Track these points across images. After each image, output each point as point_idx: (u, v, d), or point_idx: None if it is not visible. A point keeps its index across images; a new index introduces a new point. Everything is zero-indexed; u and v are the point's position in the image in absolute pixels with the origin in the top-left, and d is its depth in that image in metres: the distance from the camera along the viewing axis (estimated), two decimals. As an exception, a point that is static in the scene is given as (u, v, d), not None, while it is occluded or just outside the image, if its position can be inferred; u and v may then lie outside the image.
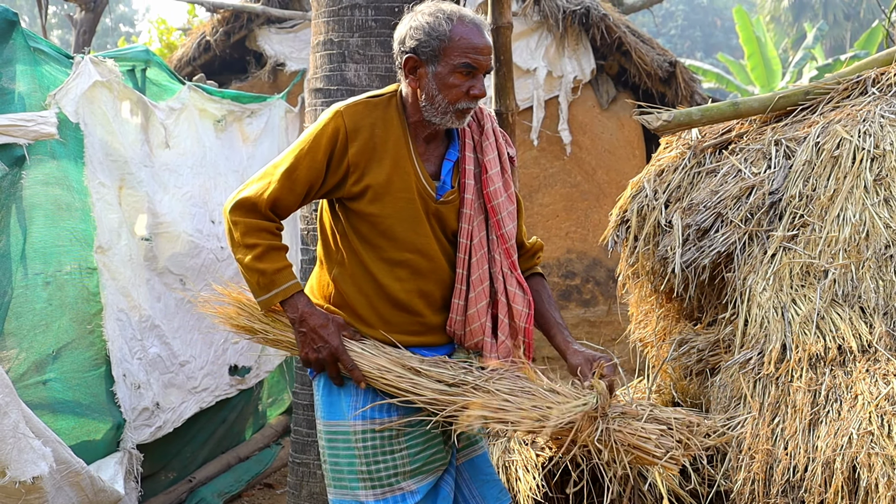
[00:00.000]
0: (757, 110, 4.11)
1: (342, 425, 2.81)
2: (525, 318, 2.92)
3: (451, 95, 2.71)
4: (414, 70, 2.75)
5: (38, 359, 4.18)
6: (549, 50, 8.26)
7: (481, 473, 3.04)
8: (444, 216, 2.85)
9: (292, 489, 4.71)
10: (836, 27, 34.96)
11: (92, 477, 4.04)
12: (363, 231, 2.80)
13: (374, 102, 2.81)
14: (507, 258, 2.91)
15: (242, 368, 6.07)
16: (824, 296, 3.34)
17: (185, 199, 5.47)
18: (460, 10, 2.75)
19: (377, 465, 2.78)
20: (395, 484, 2.79)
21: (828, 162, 3.63)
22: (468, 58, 2.70)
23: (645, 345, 4.31)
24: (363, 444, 2.78)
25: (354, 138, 2.74)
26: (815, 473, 2.94)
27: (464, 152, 2.88)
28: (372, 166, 2.75)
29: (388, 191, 2.76)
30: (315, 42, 4.58)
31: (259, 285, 2.74)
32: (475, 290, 2.85)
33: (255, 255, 2.71)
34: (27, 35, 4.23)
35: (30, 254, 4.17)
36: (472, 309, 2.85)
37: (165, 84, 5.61)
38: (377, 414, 2.78)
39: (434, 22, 2.70)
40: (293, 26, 8.46)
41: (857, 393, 3.01)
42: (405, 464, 2.80)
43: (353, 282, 2.83)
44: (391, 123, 2.79)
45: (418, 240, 2.81)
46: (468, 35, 2.70)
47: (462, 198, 2.86)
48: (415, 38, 2.71)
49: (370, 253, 2.80)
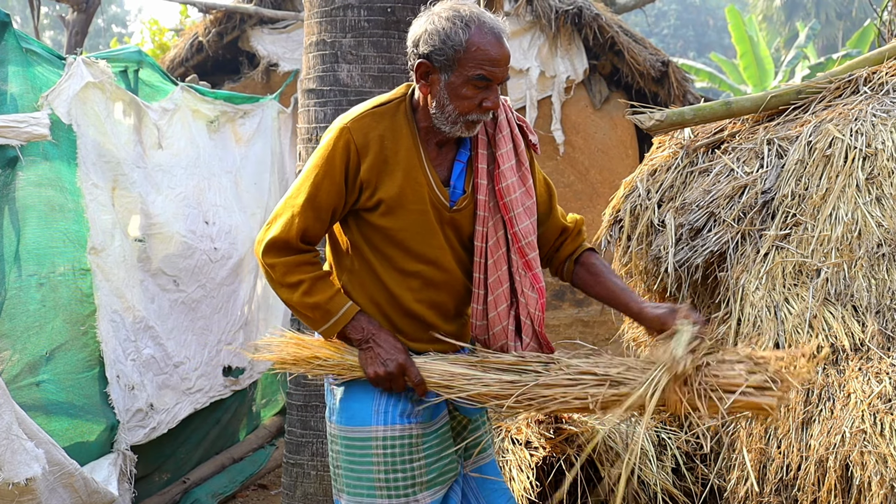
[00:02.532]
0: (749, 110, 4.12)
1: (362, 431, 2.74)
2: (537, 321, 2.81)
3: (463, 107, 2.60)
4: (426, 75, 2.63)
5: (31, 360, 4.18)
6: (542, 50, 8.27)
7: (488, 482, 2.96)
8: (459, 224, 2.76)
9: (286, 490, 4.71)
10: (829, 26, 35.05)
11: (85, 478, 4.04)
12: (375, 241, 2.72)
13: (381, 112, 2.69)
14: (521, 257, 2.78)
15: (236, 369, 6.06)
16: (817, 294, 3.35)
17: (179, 199, 5.46)
18: (480, 14, 2.60)
19: (395, 473, 2.72)
20: (411, 495, 2.73)
21: (820, 161, 3.64)
22: (483, 70, 2.57)
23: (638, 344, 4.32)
24: (383, 452, 2.72)
25: (365, 153, 2.64)
26: (808, 472, 2.95)
27: (476, 150, 2.76)
28: (384, 180, 2.65)
29: (401, 204, 2.67)
30: (308, 42, 4.58)
31: (316, 319, 2.67)
32: (494, 293, 2.76)
33: (302, 290, 2.64)
34: (19, 36, 4.22)
35: (23, 255, 4.16)
36: (492, 312, 2.77)
37: (158, 85, 5.60)
38: (399, 420, 2.72)
39: (451, 28, 2.56)
40: (286, 27, 8.45)
41: (850, 391, 3.02)
42: (422, 474, 2.73)
43: (363, 290, 2.76)
44: (400, 133, 2.68)
45: (432, 252, 2.72)
46: (485, 45, 2.56)
47: (475, 199, 2.75)
48: (429, 44, 2.58)
49: (382, 262, 2.73)
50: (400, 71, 4.41)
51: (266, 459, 6.42)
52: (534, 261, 2.81)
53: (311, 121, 4.55)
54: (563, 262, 2.95)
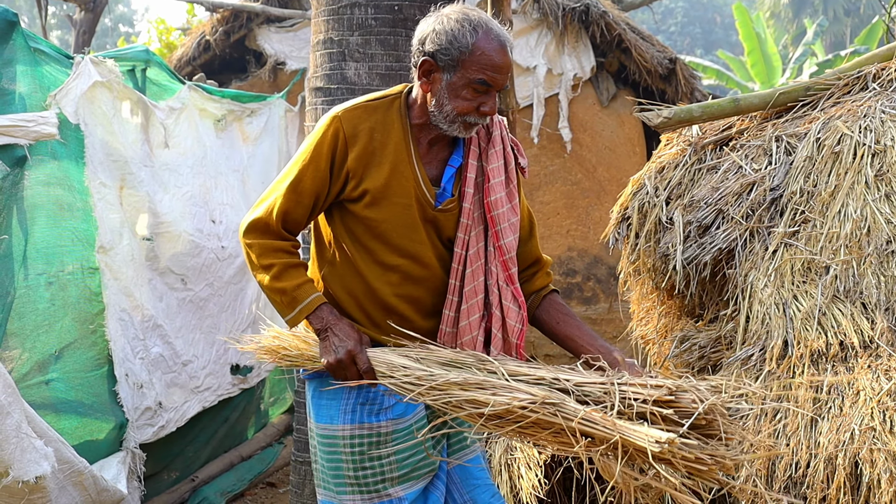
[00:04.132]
0: (757, 106, 4.11)
1: (331, 429, 2.79)
2: (517, 334, 2.82)
3: (461, 107, 2.65)
4: (428, 73, 2.68)
5: (40, 359, 4.19)
6: (549, 47, 8.26)
7: (472, 478, 2.97)
8: (440, 224, 2.79)
9: (295, 488, 4.71)
10: (836, 23, 34.95)
11: (95, 476, 4.05)
12: (357, 233, 2.75)
13: (374, 106, 2.75)
14: (505, 270, 2.81)
15: (244, 368, 6.07)
16: (826, 292, 3.34)
17: (186, 198, 5.47)
18: (488, 21, 2.66)
19: (364, 470, 2.76)
20: (383, 490, 2.76)
21: (829, 158, 3.63)
22: (485, 74, 2.62)
23: (647, 342, 4.32)
24: (350, 450, 2.76)
25: (353, 143, 2.69)
26: (817, 469, 2.94)
27: (467, 159, 2.81)
28: (370, 171, 2.70)
29: (386, 195, 2.71)
30: (315, 41, 4.58)
31: (282, 304, 2.70)
32: (468, 303, 2.78)
33: (272, 275, 2.68)
34: (27, 35, 4.23)
35: (32, 254, 4.17)
36: (463, 321, 2.78)
37: (165, 84, 5.61)
38: (366, 419, 2.75)
39: (459, 30, 2.61)
40: (293, 25, 8.46)
41: (859, 389, 3.01)
42: (392, 469, 2.76)
43: (342, 282, 2.79)
44: (392, 127, 2.73)
45: (412, 246, 2.75)
46: (490, 51, 2.61)
47: (460, 206, 2.79)
48: (435, 43, 2.63)
49: (363, 255, 2.76)
50: (407, 69, 4.40)
51: (275, 457, 6.43)
52: (515, 275, 2.85)
53: (318, 119, 4.54)
54: (530, 294, 2.96)
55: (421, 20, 2.73)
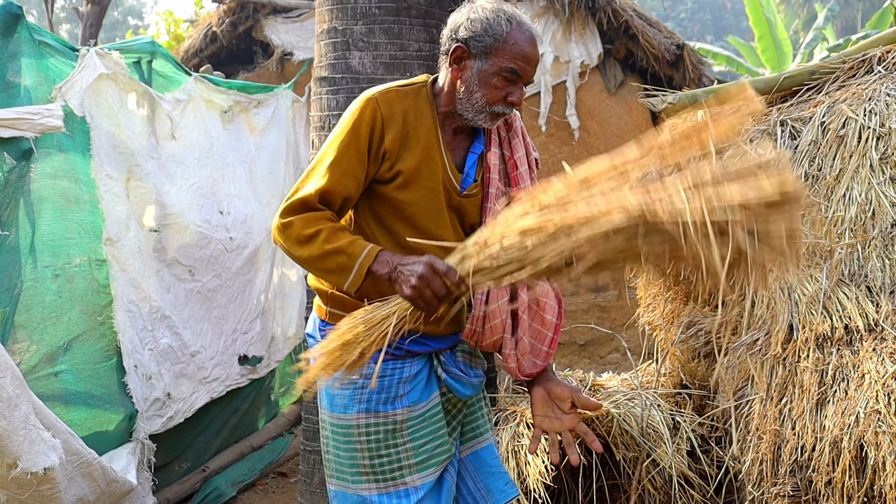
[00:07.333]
0: (762, 91, 4.10)
1: (345, 418, 2.79)
2: (556, 315, 2.85)
3: (491, 96, 2.69)
4: (459, 60, 2.72)
5: (49, 351, 4.21)
6: (556, 35, 8.24)
7: (486, 465, 2.99)
8: (465, 209, 2.81)
9: (304, 477, 4.73)
10: (847, 7, 34.77)
11: (104, 467, 4.07)
12: (383, 215, 2.76)
13: (405, 91, 2.77)
14: None
15: (253, 358, 6.09)
16: (830, 275, 3.33)
17: (193, 190, 5.48)
18: (520, 15, 2.73)
19: (380, 458, 2.77)
20: (399, 478, 2.77)
21: (833, 141, 3.62)
22: (517, 64, 2.68)
23: (654, 328, 4.32)
24: (366, 438, 2.76)
25: (390, 125, 2.69)
26: (822, 453, 2.94)
27: (489, 147, 2.85)
28: (404, 153, 2.71)
29: (416, 179, 2.72)
30: (319, 30, 4.57)
31: (340, 266, 2.59)
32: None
33: (322, 238, 2.59)
34: (32, 28, 4.23)
35: (39, 246, 4.19)
36: (492, 304, 2.77)
37: (171, 75, 5.62)
38: (380, 407, 2.76)
39: (494, 19, 2.67)
40: (299, 15, 8.45)
41: (864, 372, 3.01)
42: (409, 457, 2.77)
43: None
44: (423, 112, 2.76)
45: (437, 230, 2.76)
46: (522, 42, 2.69)
47: (486, 192, 2.83)
48: (470, 30, 2.68)
49: (386, 238, 2.76)
50: (412, 58, 4.41)
51: (285, 447, 6.46)
52: None
53: (324, 108, 4.55)
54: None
55: (452, 11, 2.79)
